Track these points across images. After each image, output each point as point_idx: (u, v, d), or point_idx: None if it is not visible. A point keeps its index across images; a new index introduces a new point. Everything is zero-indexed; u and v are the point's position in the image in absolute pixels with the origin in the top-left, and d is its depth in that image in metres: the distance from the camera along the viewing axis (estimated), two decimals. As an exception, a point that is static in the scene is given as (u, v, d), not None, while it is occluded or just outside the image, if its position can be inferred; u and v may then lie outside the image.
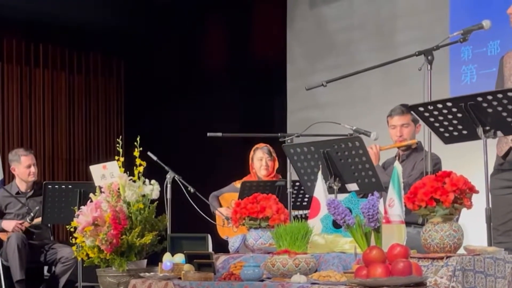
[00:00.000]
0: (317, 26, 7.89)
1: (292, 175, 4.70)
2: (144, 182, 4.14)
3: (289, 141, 4.68)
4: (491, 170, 4.14)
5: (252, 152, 6.18)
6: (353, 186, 4.16)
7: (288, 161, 4.50)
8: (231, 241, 4.15)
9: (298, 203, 5.43)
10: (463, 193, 3.18)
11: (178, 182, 5.26)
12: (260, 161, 6.11)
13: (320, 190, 3.91)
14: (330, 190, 4.09)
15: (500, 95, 3.50)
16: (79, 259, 4.44)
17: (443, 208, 3.18)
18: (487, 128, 3.60)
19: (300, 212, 5.43)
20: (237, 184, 5.97)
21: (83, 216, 4.06)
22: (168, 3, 8.94)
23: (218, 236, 5.95)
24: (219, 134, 5.11)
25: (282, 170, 6.08)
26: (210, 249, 4.04)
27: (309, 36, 7.96)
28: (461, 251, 3.24)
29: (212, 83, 8.71)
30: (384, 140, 5.16)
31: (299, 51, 8.08)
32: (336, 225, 3.73)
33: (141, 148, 4.13)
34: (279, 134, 4.90)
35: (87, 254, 4.08)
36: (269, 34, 8.50)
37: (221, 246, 4.97)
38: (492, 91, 3.56)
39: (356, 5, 7.53)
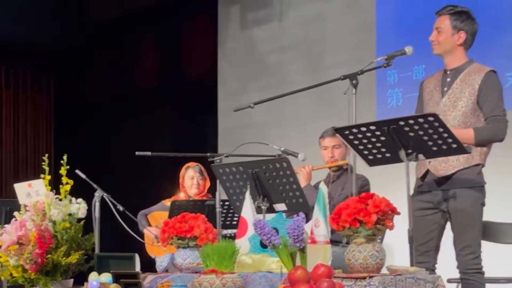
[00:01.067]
0: (248, 47, 7.98)
1: (221, 194, 4.73)
2: (70, 200, 4.11)
3: (218, 161, 4.72)
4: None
5: (183, 171, 6.19)
6: (281, 206, 4.22)
7: (218, 180, 4.53)
8: (159, 260, 4.15)
9: (227, 223, 5.45)
10: (385, 214, 3.26)
11: (107, 200, 5.24)
12: (192, 180, 6.12)
13: (248, 210, 3.95)
14: (259, 210, 4.13)
15: (421, 120, 3.61)
16: (3, 278, 4.37)
17: (366, 229, 3.25)
18: (409, 151, 3.72)
19: (230, 231, 5.46)
20: (167, 202, 5.97)
21: (7, 235, 4.00)
22: (101, 22, 8.92)
23: (147, 255, 5.93)
24: (148, 153, 5.11)
25: (213, 190, 6.11)
26: (138, 269, 4.03)
27: (240, 56, 8.04)
28: (384, 271, 3.32)
29: (144, 102, 8.70)
30: (313, 160, 5.26)
31: (230, 72, 8.15)
32: (263, 245, 3.77)
33: (68, 166, 4.11)
34: (208, 154, 4.94)
35: (11, 274, 4.02)
36: (201, 54, 8.55)
37: (150, 265, 4.96)
38: (413, 116, 3.67)
39: (286, 27, 7.64)
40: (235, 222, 5.41)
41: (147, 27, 8.82)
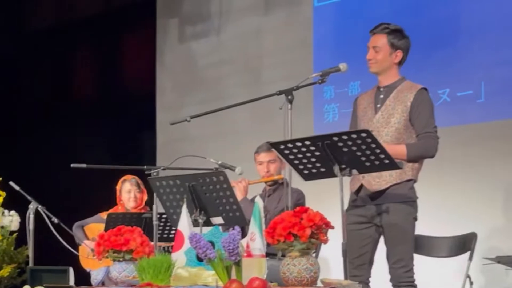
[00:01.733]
0: (187, 61, 8.00)
1: (158, 207, 4.73)
2: (3, 213, 4.06)
3: (155, 173, 4.73)
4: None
5: (120, 184, 6.17)
6: (218, 220, 4.24)
7: (155, 193, 4.53)
8: (94, 274, 4.14)
9: (165, 236, 5.45)
10: (319, 228, 3.32)
11: (42, 212, 5.18)
12: (129, 193, 6.10)
13: (184, 223, 3.96)
14: (195, 223, 4.15)
15: (354, 135, 3.69)
16: None
17: (301, 243, 3.31)
18: (343, 166, 3.79)
19: (167, 244, 5.46)
20: (104, 215, 5.93)
21: None
22: (39, 32, 8.82)
23: (82, 268, 5.88)
24: (83, 165, 5.08)
25: (150, 203, 6.10)
26: (72, 282, 4.00)
27: (179, 70, 8.05)
28: (319, 284, 3.38)
29: (81, 114, 8.63)
30: (251, 174, 5.32)
31: (169, 85, 8.16)
32: (200, 258, 3.79)
33: (0, 178, 4.06)
34: (145, 167, 4.94)
35: None
36: (139, 67, 8.53)
37: (85, 278, 4.93)
38: (346, 132, 3.75)
39: (225, 41, 7.69)
40: (172, 235, 5.41)
41: (84, 38, 8.76)
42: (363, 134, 3.70)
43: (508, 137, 5.77)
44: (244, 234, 3.52)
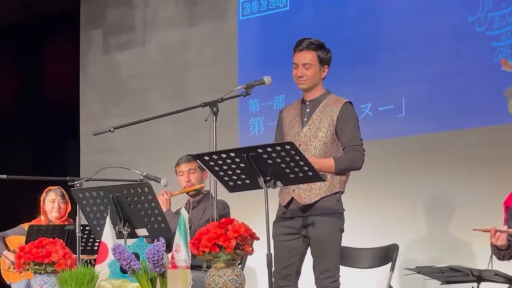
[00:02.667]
0: (111, 71, 7.94)
1: (81, 219, 4.68)
2: None
3: (78, 185, 4.68)
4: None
5: (44, 194, 6.09)
6: (142, 232, 4.22)
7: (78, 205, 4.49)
8: (14, 287, 4.06)
9: (88, 248, 5.39)
10: (244, 239, 3.35)
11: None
12: (52, 203, 6.03)
13: (108, 235, 3.92)
14: (120, 235, 4.12)
15: (278, 148, 3.74)
16: None
17: (226, 254, 3.33)
18: (268, 178, 3.82)
19: (91, 257, 5.40)
20: (26, 226, 5.83)
21: None
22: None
23: (3, 281, 5.76)
24: (4, 176, 5.00)
25: (74, 214, 6.03)
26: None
27: (103, 81, 7.98)
28: (243, 294, 3.40)
29: (4, 124, 8.46)
30: (177, 185, 5.32)
31: (93, 95, 8.07)
32: (124, 270, 3.76)
33: None
34: (68, 178, 4.88)
35: None
36: (62, 77, 8.42)
37: (5, 292, 4.84)
38: (271, 144, 3.79)
39: (149, 52, 7.66)
40: (96, 248, 5.36)
41: (5, 47, 8.60)
42: (287, 147, 3.75)
43: (427, 151, 5.91)
44: (170, 247, 3.51)
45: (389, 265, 5.00)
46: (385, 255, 5.05)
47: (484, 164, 5.66)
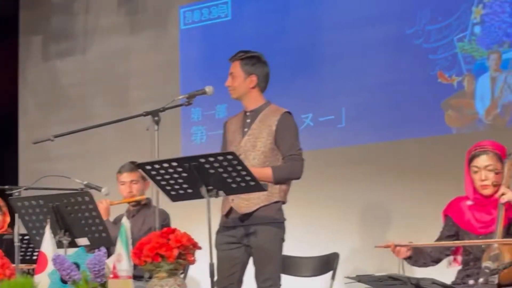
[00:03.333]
0: (51, 79, 7.85)
1: (20, 228, 4.62)
2: None
3: (17, 194, 4.62)
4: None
5: (-19, 206, 5.98)
6: (83, 241, 4.20)
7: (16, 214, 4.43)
8: (-49, 298, 3.98)
9: (28, 258, 5.32)
10: (187, 249, 3.36)
11: None
12: (-10, 215, 5.93)
13: (47, 244, 3.88)
14: (60, 244, 4.08)
15: (220, 158, 3.77)
16: None
17: (168, 264, 3.33)
18: (210, 187, 3.84)
19: (30, 267, 5.33)
20: (-38, 237, 5.73)
21: None
22: None
23: None
24: None
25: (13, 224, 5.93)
26: None
27: (43, 88, 7.89)
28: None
29: None
30: (118, 195, 5.28)
31: (32, 103, 7.97)
32: (64, 280, 3.73)
33: None
34: (6, 187, 4.81)
35: None
36: (1, 84, 8.28)
37: None
38: (213, 154, 3.82)
39: (90, 60, 7.60)
40: (35, 257, 5.29)
41: None
42: (229, 157, 3.78)
43: (367, 161, 6.00)
44: (109, 255, 3.50)
45: (330, 273, 5.06)
46: (326, 264, 5.10)
47: (421, 174, 5.76)
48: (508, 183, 3.96)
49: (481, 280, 3.61)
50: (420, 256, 4.10)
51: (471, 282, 3.88)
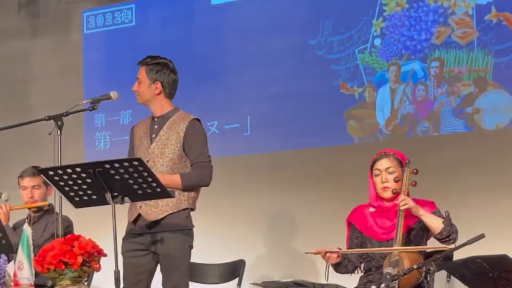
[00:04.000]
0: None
1: None
2: None
3: None
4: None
5: None
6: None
7: None
8: None
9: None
10: (91, 256, 3.31)
11: None
12: None
13: None
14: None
15: (126, 164, 3.72)
16: None
17: (72, 271, 3.28)
18: (115, 194, 3.79)
19: None
20: None
21: None
22: None
23: None
24: None
25: None
26: None
27: None
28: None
29: None
30: (19, 201, 5.15)
31: None
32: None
33: None
34: None
35: None
36: None
37: None
38: (118, 159, 3.77)
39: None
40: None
41: None
42: (135, 163, 3.74)
43: (273, 169, 6.04)
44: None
45: (236, 280, 5.08)
46: (233, 271, 5.13)
47: (324, 183, 5.86)
48: (407, 191, 4.09)
49: (382, 285, 3.69)
50: (346, 262, 4.18)
51: (373, 287, 3.97)
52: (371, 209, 4.23)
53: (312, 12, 6.13)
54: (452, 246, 3.87)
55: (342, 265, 4.16)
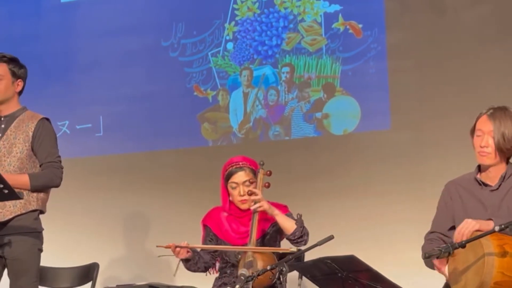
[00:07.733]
0: None
1: None
2: None
3: None
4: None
5: None
6: None
7: None
8: None
9: None
10: None
11: None
12: None
13: None
14: None
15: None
16: None
17: None
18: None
19: None
20: None
21: None
22: None
23: None
24: None
25: None
26: None
27: None
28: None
29: None
30: None
31: None
32: None
33: None
34: None
35: None
36: None
37: None
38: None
39: None
40: None
41: None
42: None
43: (128, 170, 6.00)
44: None
45: (90, 284, 5.00)
46: (86, 274, 5.03)
47: (179, 184, 5.87)
48: (261, 191, 4.15)
49: (237, 287, 3.74)
50: (197, 259, 4.17)
51: (227, 289, 4.02)
52: (225, 214, 4.27)
53: (165, 13, 6.13)
54: (303, 247, 3.97)
55: (193, 261, 4.16)
